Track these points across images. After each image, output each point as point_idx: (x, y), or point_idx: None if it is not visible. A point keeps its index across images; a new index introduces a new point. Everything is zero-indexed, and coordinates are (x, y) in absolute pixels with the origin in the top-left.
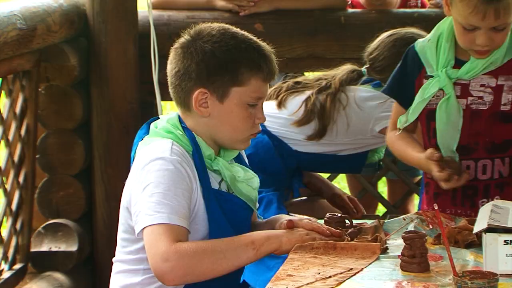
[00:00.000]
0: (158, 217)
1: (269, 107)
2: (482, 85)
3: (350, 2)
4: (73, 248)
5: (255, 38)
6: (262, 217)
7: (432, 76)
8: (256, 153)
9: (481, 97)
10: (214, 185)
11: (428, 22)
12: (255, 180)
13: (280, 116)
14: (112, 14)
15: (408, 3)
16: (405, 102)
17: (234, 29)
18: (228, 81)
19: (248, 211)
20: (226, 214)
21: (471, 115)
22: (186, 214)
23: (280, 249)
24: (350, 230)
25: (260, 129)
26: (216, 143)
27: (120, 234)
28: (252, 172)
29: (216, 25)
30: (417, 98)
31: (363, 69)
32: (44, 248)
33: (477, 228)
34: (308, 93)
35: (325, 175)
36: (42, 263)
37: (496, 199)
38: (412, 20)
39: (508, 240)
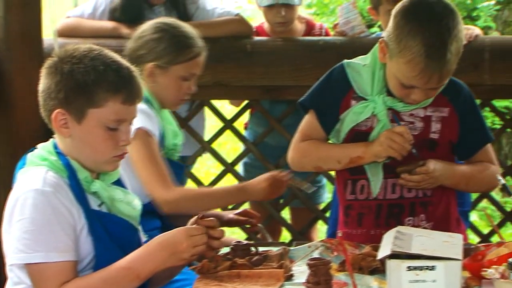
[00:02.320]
0: (36, 256)
1: None
2: (411, 114)
3: (255, 30)
4: None
5: (119, 60)
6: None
7: (363, 99)
8: None
9: (412, 123)
10: (94, 207)
11: (333, 50)
12: (136, 202)
13: None
14: (17, 41)
15: (312, 31)
16: (324, 117)
17: (100, 50)
18: (85, 103)
19: (132, 230)
20: (110, 234)
21: None
22: (67, 246)
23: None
24: (255, 258)
25: (126, 150)
26: (83, 165)
27: (7, 268)
28: (133, 195)
29: (84, 46)
30: (350, 121)
31: None
32: None
33: (381, 254)
34: None
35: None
36: None
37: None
38: (317, 48)
39: (411, 266)
